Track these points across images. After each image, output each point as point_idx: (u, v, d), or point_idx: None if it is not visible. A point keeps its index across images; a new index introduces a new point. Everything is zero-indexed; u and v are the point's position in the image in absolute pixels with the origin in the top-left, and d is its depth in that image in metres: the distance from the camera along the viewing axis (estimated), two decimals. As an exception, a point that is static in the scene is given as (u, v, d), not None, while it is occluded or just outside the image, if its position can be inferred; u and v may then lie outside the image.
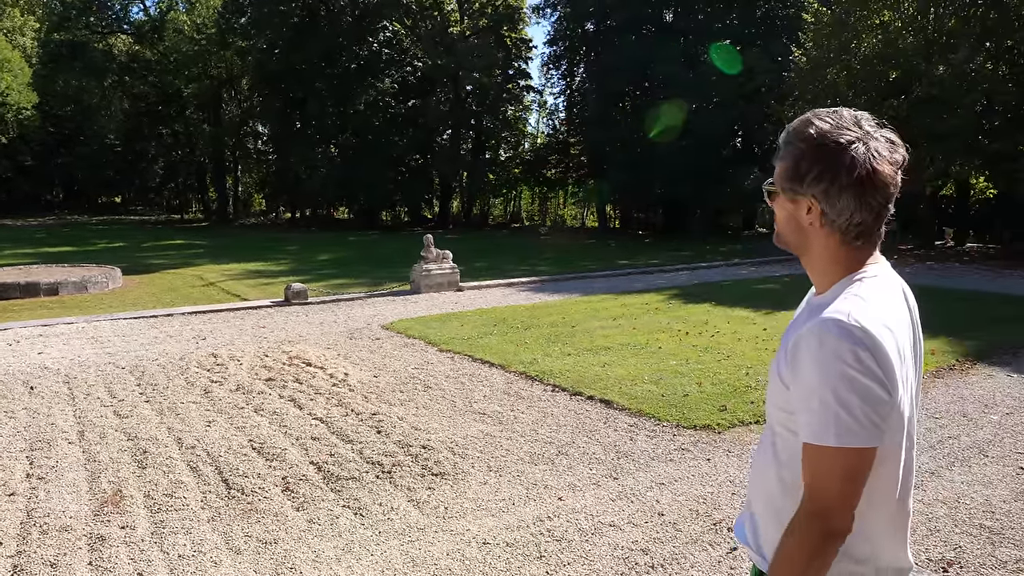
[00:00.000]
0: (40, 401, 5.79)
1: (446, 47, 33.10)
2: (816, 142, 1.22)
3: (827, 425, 1.12)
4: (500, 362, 7.00)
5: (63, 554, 3.31)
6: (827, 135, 1.22)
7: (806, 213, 1.26)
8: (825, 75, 20.25)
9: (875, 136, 1.23)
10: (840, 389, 1.11)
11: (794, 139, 1.26)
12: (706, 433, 4.94)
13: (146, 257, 20.06)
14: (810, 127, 1.24)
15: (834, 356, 1.12)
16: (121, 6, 43.70)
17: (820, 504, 1.14)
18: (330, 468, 4.32)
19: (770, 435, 1.33)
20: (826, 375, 1.12)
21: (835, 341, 1.13)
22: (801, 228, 1.29)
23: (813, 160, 1.22)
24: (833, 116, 1.25)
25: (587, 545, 3.39)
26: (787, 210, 1.30)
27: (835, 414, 1.12)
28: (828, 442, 1.13)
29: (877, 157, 1.20)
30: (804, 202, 1.26)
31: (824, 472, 1.14)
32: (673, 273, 15.57)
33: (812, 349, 1.15)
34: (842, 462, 1.13)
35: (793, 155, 1.25)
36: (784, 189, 1.28)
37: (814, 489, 1.16)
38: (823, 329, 1.15)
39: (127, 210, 55.54)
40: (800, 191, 1.25)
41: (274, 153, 40.92)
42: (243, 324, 9.36)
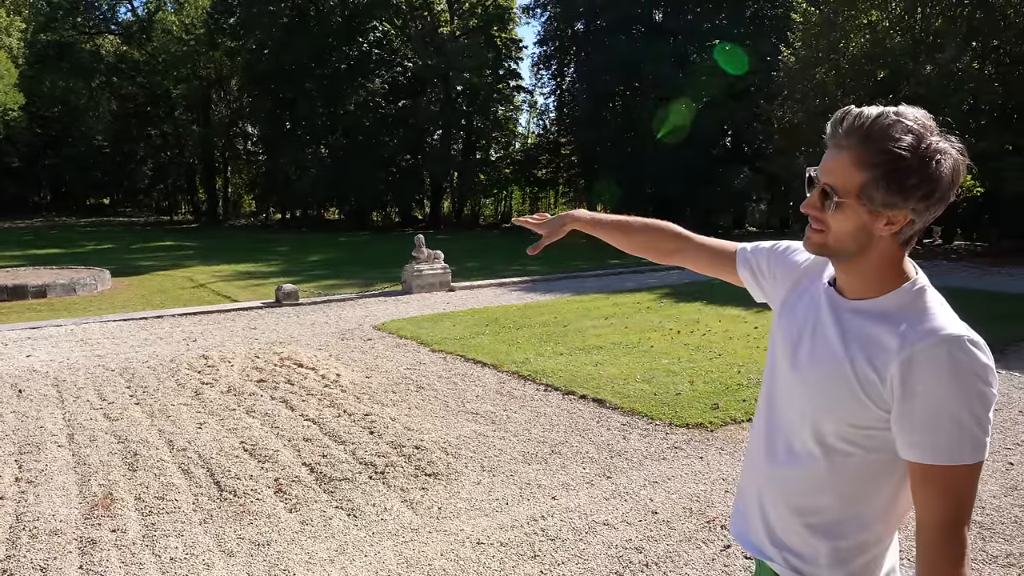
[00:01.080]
0: (29, 404, 5.73)
1: (436, 47, 33.05)
2: (920, 151, 1.10)
3: (963, 443, 1.11)
4: (492, 362, 6.99)
5: (53, 558, 3.28)
6: (925, 141, 1.11)
7: (884, 224, 1.16)
8: (814, 74, 20.36)
9: (945, 136, 1.15)
10: (976, 406, 1.10)
11: (891, 147, 1.11)
12: (699, 431, 4.95)
13: (135, 259, 19.93)
14: (903, 131, 1.11)
15: (971, 373, 1.10)
16: (108, 6, 43.46)
17: (956, 519, 1.13)
18: (323, 469, 4.30)
19: (822, 451, 1.27)
20: (964, 393, 1.10)
21: (970, 358, 1.10)
22: (871, 239, 1.19)
23: (921, 174, 1.10)
24: (911, 114, 1.14)
25: (581, 544, 3.39)
26: (859, 222, 1.17)
27: (971, 432, 1.10)
28: (964, 460, 1.11)
29: (958, 160, 1.14)
30: (887, 214, 1.15)
31: (958, 488, 1.12)
32: (664, 272, 15.60)
33: (945, 368, 1.11)
34: (973, 476, 1.13)
35: (895, 167, 1.11)
36: (875, 202, 1.13)
37: (948, 506, 1.13)
38: (955, 346, 1.11)
39: (116, 212, 55.15)
40: (902, 206, 1.13)
41: (264, 154, 40.75)
42: (234, 325, 9.32)
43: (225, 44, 37.63)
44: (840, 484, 1.25)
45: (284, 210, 42.70)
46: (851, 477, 1.24)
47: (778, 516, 1.34)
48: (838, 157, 1.17)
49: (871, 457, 1.21)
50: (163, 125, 43.32)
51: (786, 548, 1.33)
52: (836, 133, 1.17)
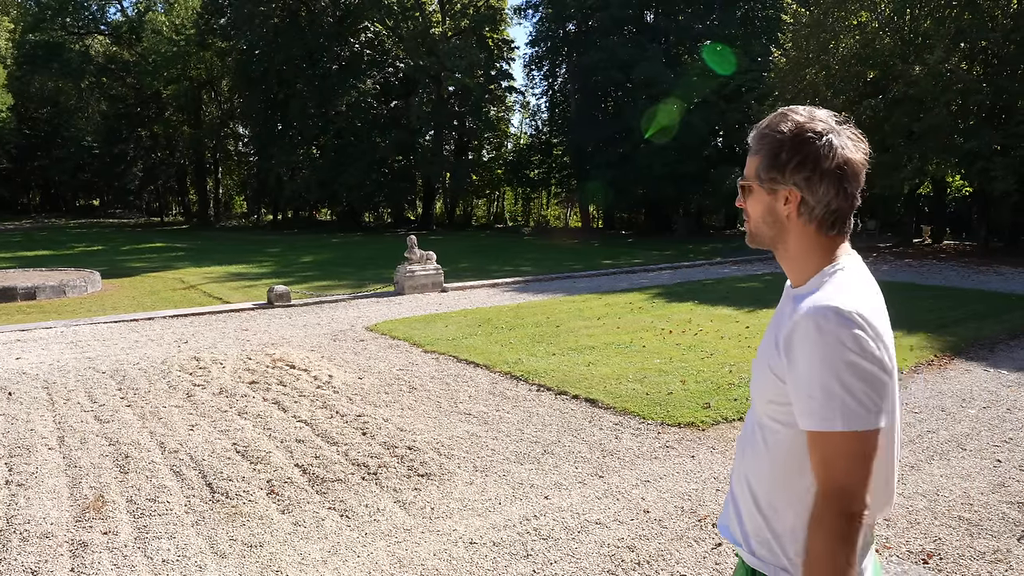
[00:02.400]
0: (18, 407, 5.70)
1: (428, 48, 33.03)
2: (795, 132, 1.27)
3: (833, 410, 1.15)
4: (485, 362, 7.00)
5: (44, 561, 3.27)
6: (804, 126, 1.27)
7: (783, 204, 1.30)
8: (804, 75, 20.46)
9: (842, 130, 1.29)
10: (844, 374, 1.14)
11: (771, 132, 1.30)
12: (690, 430, 4.98)
13: (126, 260, 19.82)
14: (786, 120, 1.29)
15: (836, 342, 1.15)
16: (98, 7, 43.19)
17: (835, 487, 1.16)
18: (315, 470, 4.30)
19: (757, 431, 1.34)
20: (829, 361, 1.15)
21: (835, 327, 1.16)
22: (778, 220, 1.32)
23: (793, 149, 1.26)
24: (807, 111, 1.30)
25: (573, 543, 3.41)
26: (764, 203, 1.33)
27: (841, 399, 1.14)
28: (836, 427, 1.15)
29: (848, 147, 1.27)
30: (782, 193, 1.29)
31: (835, 456, 1.16)
32: (656, 272, 15.66)
33: (811, 337, 1.17)
34: (851, 445, 1.15)
35: (771, 147, 1.29)
36: (763, 180, 1.31)
37: (827, 475, 1.18)
38: (817, 317, 1.17)
39: (106, 213, 54.82)
40: (781, 181, 1.28)
41: (255, 155, 40.59)
42: (225, 327, 9.29)
43: (216, 44, 37.49)
44: (774, 463, 1.29)
45: (276, 211, 42.58)
46: (782, 455, 1.28)
47: (743, 500, 1.38)
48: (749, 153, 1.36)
49: (791, 432, 1.25)
50: (153, 126, 43.12)
51: (747, 532, 1.37)
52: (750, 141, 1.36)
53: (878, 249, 20.95)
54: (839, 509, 1.16)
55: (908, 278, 14.08)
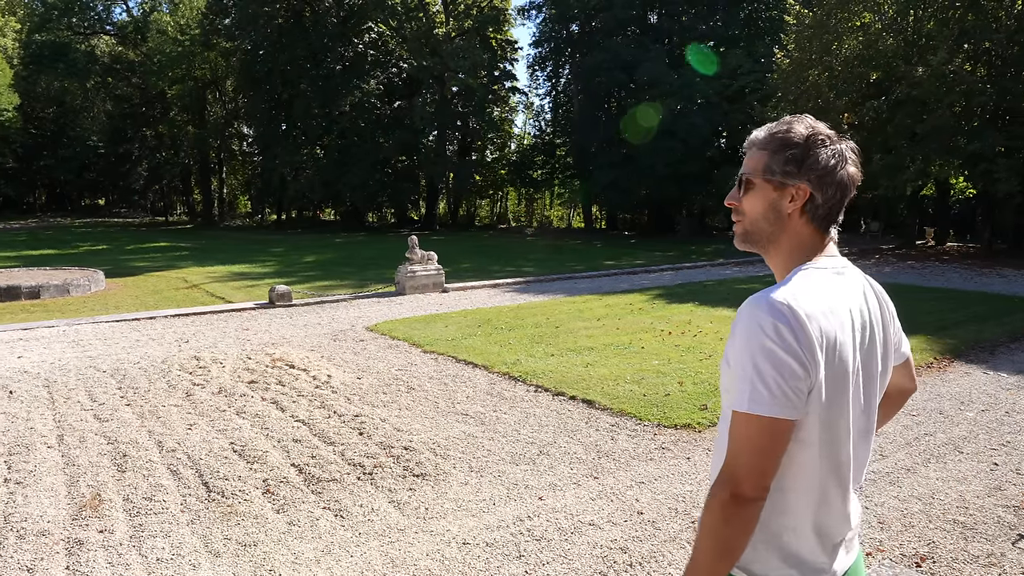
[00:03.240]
0: (19, 405, 5.74)
1: (431, 48, 33.06)
2: (810, 134, 1.33)
3: (743, 392, 1.19)
4: (483, 363, 7.01)
5: (40, 559, 3.29)
6: (817, 130, 1.34)
7: (788, 201, 1.34)
8: (807, 76, 20.44)
9: (846, 143, 1.36)
10: (757, 358, 1.18)
11: (785, 132, 1.34)
12: (686, 432, 4.98)
13: (130, 260, 19.89)
14: (800, 123, 1.35)
15: (757, 327, 1.19)
16: (103, 7, 43.37)
17: (730, 467, 1.20)
18: (311, 470, 4.32)
19: (723, 421, 1.36)
20: (748, 346, 1.20)
21: (760, 315, 1.20)
22: (780, 217, 1.35)
23: (811, 148, 1.32)
24: (809, 122, 1.37)
25: (566, 544, 3.41)
26: (768, 200, 1.35)
27: (750, 381, 1.18)
28: (742, 408, 1.19)
29: (852, 159, 1.35)
30: (790, 189, 1.33)
31: (737, 437, 1.21)
32: (658, 273, 15.66)
33: (741, 323, 1.23)
34: (752, 428, 1.18)
35: (787, 143, 1.33)
36: (775, 174, 1.33)
37: (728, 454, 1.22)
38: (752, 304, 1.23)
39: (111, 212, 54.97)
40: (796, 176, 1.32)
41: (259, 155, 40.67)
42: (226, 327, 9.32)
43: (220, 45, 37.59)
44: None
45: (280, 211, 42.68)
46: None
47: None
48: (749, 153, 1.40)
49: None
50: (158, 126, 43.26)
51: None
52: (750, 142, 1.41)
53: (881, 251, 20.90)
54: (727, 490, 1.19)
55: (910, 280, 14.05)
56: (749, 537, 1.21)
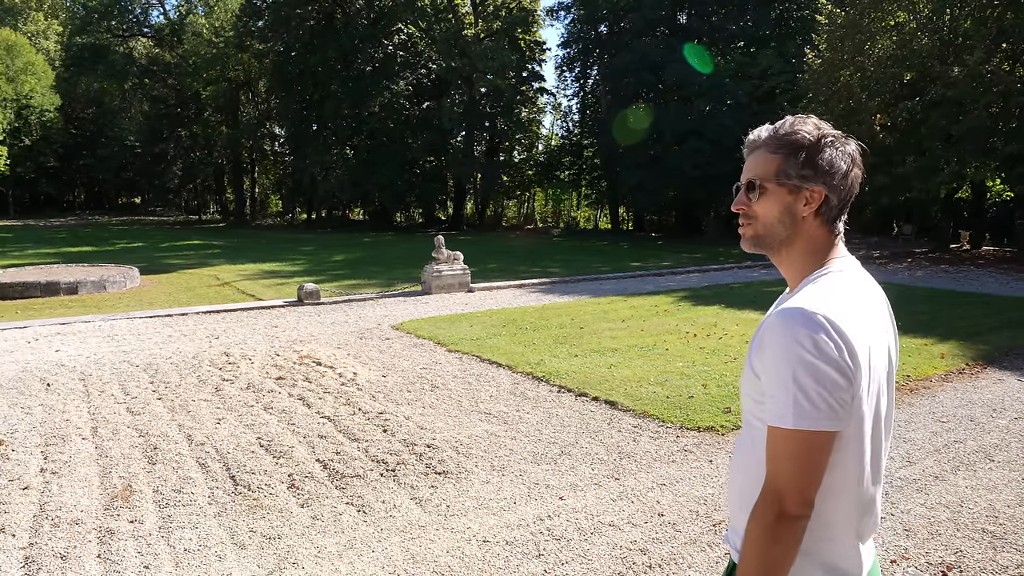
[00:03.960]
0: (56, 397, 5.91)
1: (460, 49, 33.20)
2: (819, 136, 1.33)
3: (786, 407, 1.18)
4: (507, 363, 7.04)
5: (73, 547, 3.39)
6: (825, 131, 1.34)
7: (803, 204, 1.33)
8: (838, 77, 20.13)
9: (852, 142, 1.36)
10: (798, 373, 1.17)
11: (795, 134, 1.34)
12: (709, 435, 4.95)
13: (164, 257, 20.31)
14: (806, 124, 1.35)
15: (793, 341, 1.18)
16: (141, 9, 44.37)
17: (774, 486, 1.19)
18: (335, 466, 4.39)
19: (746, 429, 1.37)
20: (786, 360, 1.18)
21: (795, 328, 1.19)
22: (795, 220, 1.34)
23: (823, 150, 1.31)
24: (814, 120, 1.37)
25: (586, 544, 3.43)
26: (782, 203, 1.34)
27: (793, 396, 1.17)
28: (786, 424, 1.18)
29: (858, 159, 1.36)
30: (805, 192, 1.33)
31: (780, 454, 1.19)
32: (684, 275, 15.55)
33: (776, 337, 1.21)
34: (797, 444, 1.17)
35: (800, 146, 1.32)
36: (791, 177, 1.33)
37: (770, 472, 1.21)
38: (785, 318, 1.21)
39: (146, 211, 56.23)
40: (812, 179, 1.32)
41: (291, 154, 41.23)
42: (256, 324, 9.48)
43: (253, 46, 38.19)
44: (758, 460, 1.29)
45: (310, 210, 43.18)
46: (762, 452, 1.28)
47: (732, 498, 1.41)
48: (754, 156, 1.39)
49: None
50: (193, 126, 44.07)
51: (735, 527, 1.39)
52: (752, 143, 1.41)
53: (913, 254, 20.50)
54: (774, 509, 1.18)
55: (944, 284, 13.77)
56: (796, 553, 1.20)
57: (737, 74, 27.58)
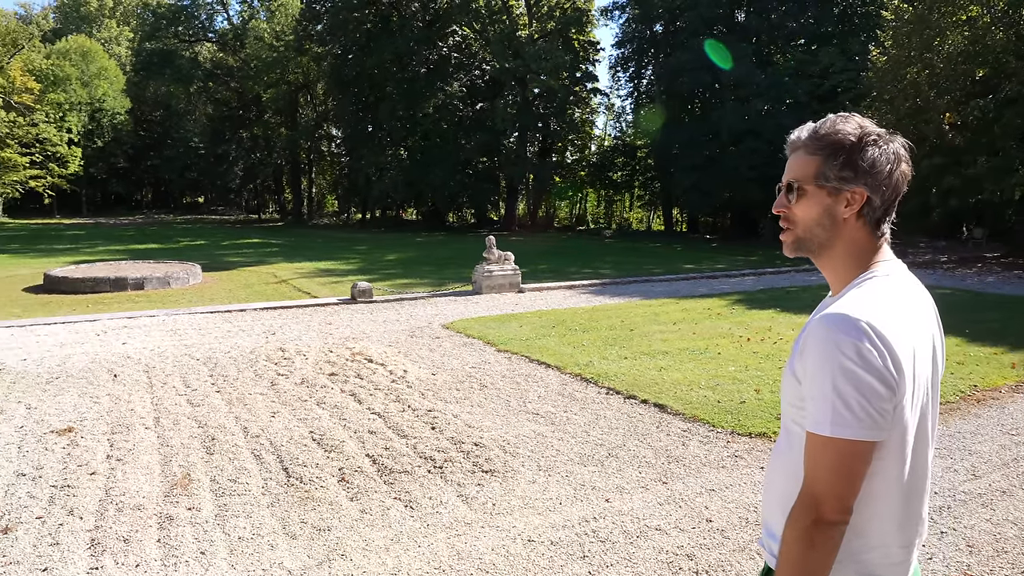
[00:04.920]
0: (122, 388, 6.17)
1: (514, 50, 33.28)
2: (862, 135, 1.29)
3: (825, 414, 1.16)
4: (556, 363, 7.03)
5: (135, 531, 3.54)
6: (867, 129, 1.30)
7: (844, 206, 1.30)
8: (905, 74, 19.41)
9: (897, 139, 1.32)
10: (838, 380, 1.15)
11: (834, 134, 1.30)
12: (761, 441, 4.85)
13: (225, 255, 20.97)
14: (848, 123, 1.31)
15: (835, 348, 1.16)
16: (207, 15, 45.95)
17: (811, 491, 1.18)
18: (384, 461, 4.46)
19: (784, 435, 1.35)
20: (827, 366, 1.16)
21: (836, 334, 1.16)
22: (836, 223, 1.31)
23: (864, 150, 1.27)
24: (857, 119, 1.32)
25: (631, 547, 3.39)
26: (822, 206, 1.31)
27: (832, 404, 1.15)
28: (824, 431, 1.16)
29: (904, 156, 1.31)
30: (846, 194, 1.29)
31: (818, 461, 1.18)
32: (739, 278, 15.25)
33: (818, 342, 1.19)
34: (835, 452, 1.16)
35: (840, 147, 1.29)
36: (829, 179, 1.30)
37: (808, 478, 1.20)
38: (827, 324, 1.19)
39: (209, 210, 58.18)
40: (853, 180, 1.28)
41: (347, 155, 42.07)
42: (311, 320, 9.70)
43: (312, 50, 39.11)
44: (797, 464, 1.27)
45: (364, 210, 43.96)
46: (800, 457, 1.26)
47: (768, 501, 1.39)
48: (794, 157, 1.36)
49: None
50: (254, 128, 45.39)
51: (771, 531, 1.37)
52: (792, 143, 1.37)
53: (984, 259, 19.61)
54: (810, 515, 1.17)
55: (1016, 291, 13.14)
56: (833, 560, 1.19)
57: (797, 72, 26.90)
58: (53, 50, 48.49)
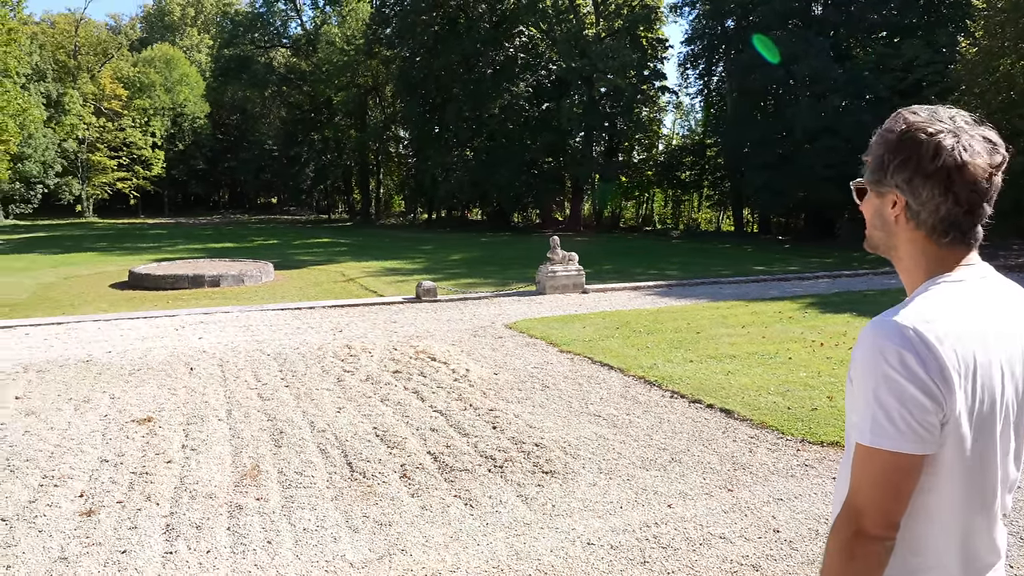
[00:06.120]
0: (197, 381, 6.42)
1: (581, 50, 33.08)
2: (903, 132, 1.20)
3: (866, 422, 1.11)
4: (619, 365, 6.94)
5: (207, 518, 3.67)
6: (915, 125, 1.20)
7: (891, 207, 1.24)
8: (998, 66, 18.36)
9: (969, 132, 1.18)
10: (880, 389, 1.10)
11: (883, 132, 1.25)
12: (833, 450, 4.65)
13: (296, 254, 21.62)
14: (898, 120, 1.23)
15: (879, 355, 1.10)
16: (281, 22, 47.47)
17: (854, 503, 1.14)
18: (445, 459, 4.48)
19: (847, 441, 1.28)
20: (871, 373, 1.11)
21: (882, 341, 1.11)
22: (887, 224, 1.26)
23: (897, 149, 1.20)
24: (926, 110, 1.22)
25: (694, 555, 3.31)
26: (874, 206, 1.28)
27: (872, 413, 1.10)
28: (864, 440, 1.12)
29: (968, 150, 1.15)
30: (890, 195, 1.23)
31: (861, 471, 1.14)
32: (812, 281, 14.72)
33: (863, 348, 1.14)
34: (878, 463, 1.11)
35: (879, 147, 1.24)
36: (870, 182, 1.27)
37: (852, 488, 1.15)
38: (874, 329, 1.14)
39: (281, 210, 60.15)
40: (885, 182, 1.23)
41: (413, 156, 42.73)
42: (376, 318, 9.88)
43: (381, 53, 39.88)
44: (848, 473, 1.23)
45: (430, 210, 44.55)
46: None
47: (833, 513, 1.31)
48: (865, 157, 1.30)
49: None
50: (325, 130, 46.62)
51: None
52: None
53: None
54: (851, 527, 1.13)
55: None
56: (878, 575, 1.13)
57: (878, 66, 25.74)
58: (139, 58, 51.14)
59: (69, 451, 4.63)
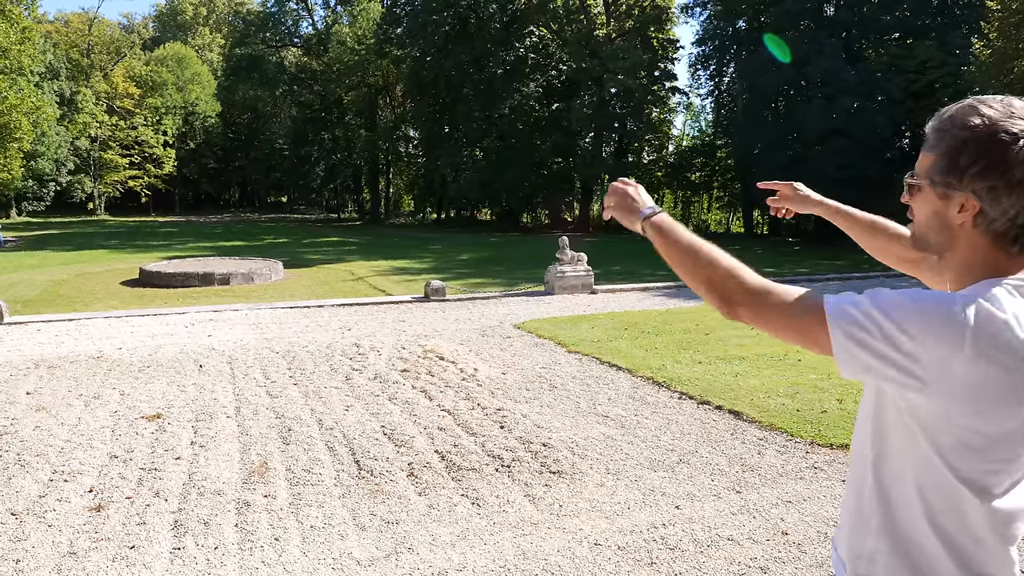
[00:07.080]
0: (207, 378, 6.45)
1: (591, 50, 33.10)
2: (983, 131, 1.06)
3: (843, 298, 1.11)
4: (628, 366, 6.92)
5: (215, 515, 3.68)
6: (997, 124, 1.06)
7: (958, 212, 1.11)
8: (1012, 68, 18.19)
9: None
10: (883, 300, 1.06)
11: (953, 127, 1.10)
12: (843, 453, 4.62)
13: (305, 252, 21.71)
14: (975, 114, 1.08)
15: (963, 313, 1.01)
16: (292, 21, 47.70)
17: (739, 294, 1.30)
18: (453, 458, 4.48)
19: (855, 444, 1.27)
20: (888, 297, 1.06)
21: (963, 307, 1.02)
22: (947, 227, 1.14)
23: (978, 152, 1.06)
24: (1003, 103, 1.09)
25: (701, 556, 3.29)
26: (933, 207, 1.14)
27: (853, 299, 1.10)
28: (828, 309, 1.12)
29: None
30: (958, 199, 1.10)
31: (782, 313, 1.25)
32: (822, 283, 14.66)
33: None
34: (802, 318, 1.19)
35: (951, 145, 1.10)
36: (935, 183, 1.12)
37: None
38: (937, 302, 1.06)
39: (291, 209, 60.44)
40: (958, 187, 1.09)
41: (423, 156, 42.85)
42: (385, 317, 9.90)
43: (392, 53, 40.01)
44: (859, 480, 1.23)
45: (439, 210, 44.66)
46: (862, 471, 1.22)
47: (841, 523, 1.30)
48: (923, 147, 1.19)
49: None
50: (335, 129, 46.84)
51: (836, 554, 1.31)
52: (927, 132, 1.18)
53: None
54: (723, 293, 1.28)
55: None
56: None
57: (890, 68, 25.59)
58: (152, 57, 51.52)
59: (79, 447, 4.66)
